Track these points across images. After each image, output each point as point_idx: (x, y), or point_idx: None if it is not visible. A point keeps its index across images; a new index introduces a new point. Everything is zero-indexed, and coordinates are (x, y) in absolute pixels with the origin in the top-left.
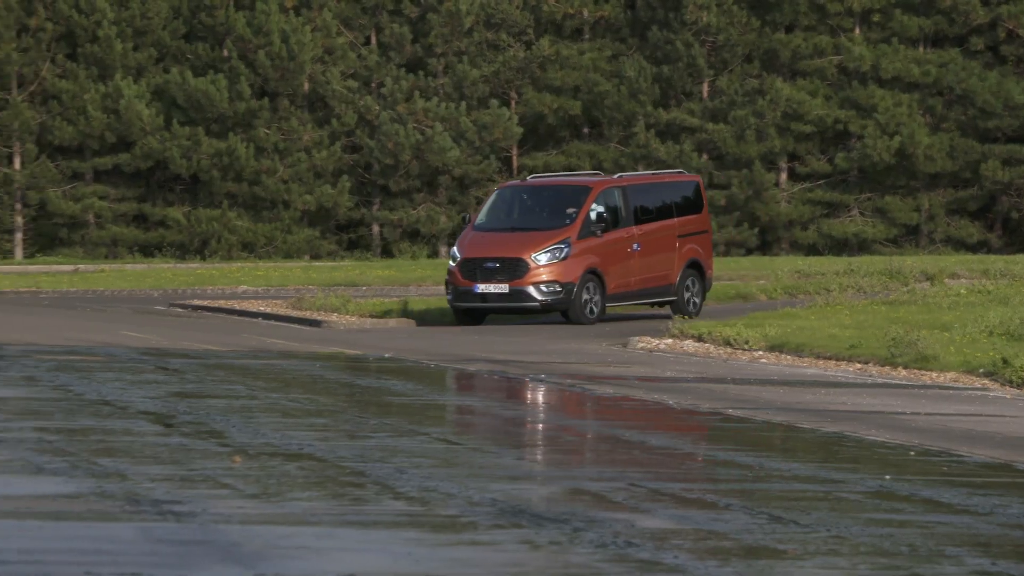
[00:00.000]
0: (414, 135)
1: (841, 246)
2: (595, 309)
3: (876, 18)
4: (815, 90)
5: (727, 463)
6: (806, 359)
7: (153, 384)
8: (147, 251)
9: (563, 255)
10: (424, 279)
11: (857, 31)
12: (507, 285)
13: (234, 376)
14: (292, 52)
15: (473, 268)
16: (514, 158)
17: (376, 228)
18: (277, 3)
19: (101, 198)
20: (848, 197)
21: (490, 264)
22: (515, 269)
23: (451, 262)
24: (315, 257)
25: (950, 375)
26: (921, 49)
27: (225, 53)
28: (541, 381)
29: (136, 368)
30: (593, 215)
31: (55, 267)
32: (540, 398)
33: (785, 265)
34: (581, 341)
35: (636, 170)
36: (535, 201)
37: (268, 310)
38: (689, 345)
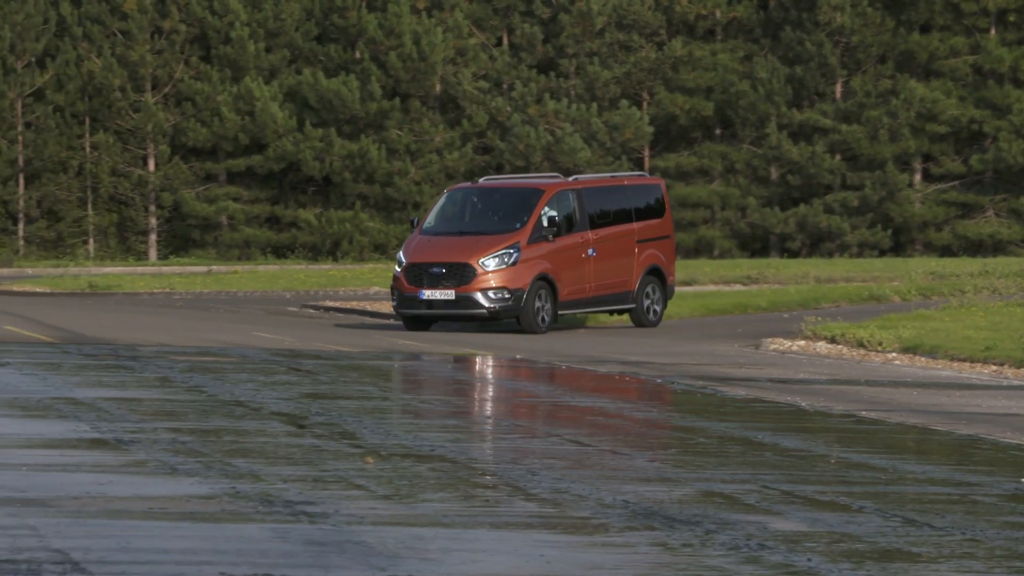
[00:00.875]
0: (545, 136)
1: (976, 247)
2: (546, 318)
3: (1012, 18)
4: (949, 90)
5: (860, 465)
6: (940, 361)
7: (286, 385)
8: (279, 252)
9: (512, 260)
10: None
11: (992, 31)
12: (453, 291)
13: (366, 377)
14: (423, 53)
15: (419, 274)
16: (645, 159)
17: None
18: (409, 4)
19: (234, 200)
20: (983, 198)
21: (436, 270)
22: (462, 275)
23: (396, 267)
24: None
25: None
26: None
27: (357, 54)
28: (673, 383)
29: (269, 369)
30: (544, 219)
31: (188, 268)
32: (672, 400)
33: (919, 266)
34: (713, 343)
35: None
36: (485, 204)
37: None
38: (822, 347)
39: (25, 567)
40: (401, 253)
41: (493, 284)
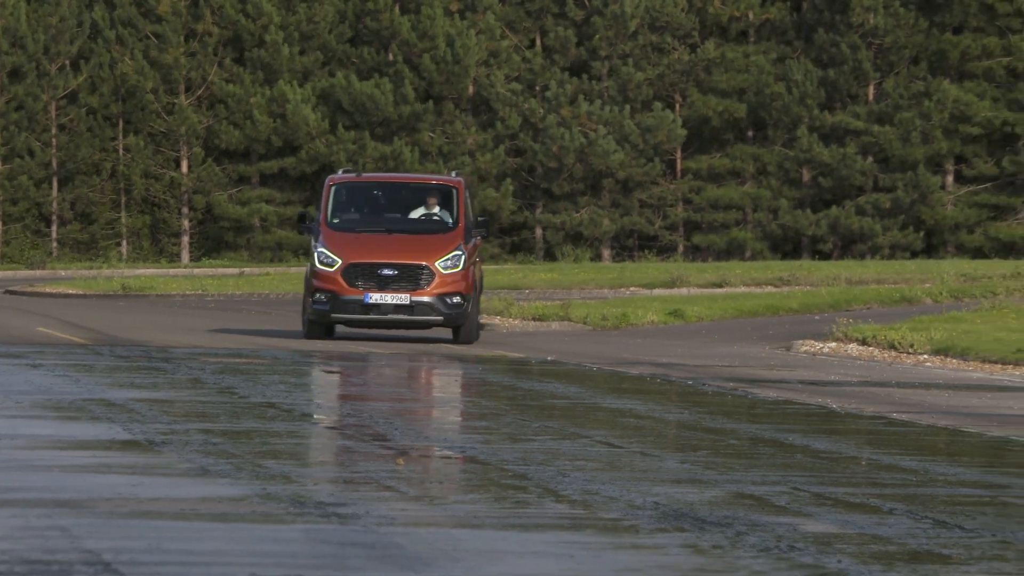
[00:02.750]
0: (578, 138)
1: (1008, 249)
2: (480, 326)
3: None
4: (983, 92)
5: (891, 467)
6: (972, 363)
7: (317, 386)
8: None
9: (461, 264)
10: (587, 282)
11: None
12: (408, 296)
13: (397, 378)
14: (456, 55)
15: (364, 274)
16: (678, 161)
17: (539, 231)
18: (442, 7)
19: (267, 202)
20: (1015, 200)
21: (387, 271)
22: (417, 278)
23: (321, 265)
24: None
25: None
26: None
27: (390, 57)
28: (704, 384)
29: (300, 371)
30: (471, 218)
31: (220, 270)
32: (702, 401)
33: (951, 268)
34: (744, 345)
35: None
36: (392, 200)
37: None
38: (853, 348)
39: (56, 568)
40: (325, 250)
41: (449, 289)
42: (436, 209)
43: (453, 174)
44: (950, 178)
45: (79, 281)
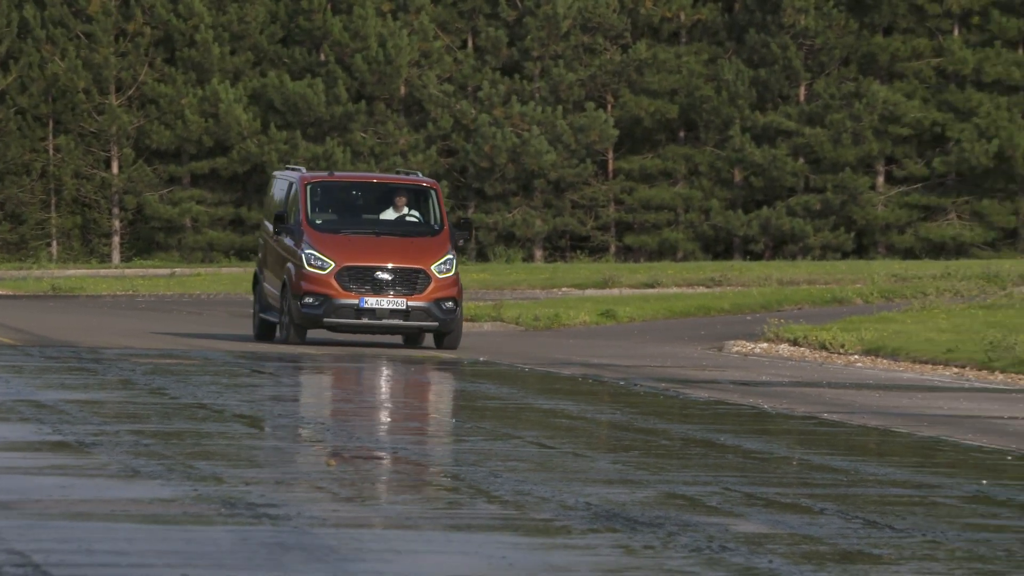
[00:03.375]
0: (510, 138)
1: (938, 250)
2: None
3: (975, 20)
4: (913, 92)
5: (822, 467)
6: (902, 363)
7: (249, 387)
8: (243, 255)
9: (453, 268)
10: (519, 283)
11: (956, 33)
12: (405, 300)
13: (330, 379)
14: (389, 56)
15: (359, 278)
16: (610, 161)
17: (471, 232)
18: (374, 7)
19: (198, 202)
20: (945, 200)
21: (384, 274)
22: (414, 282)
23: (311, 267)
24: None
25: None
26: (1021, 51)
27: (322, 57)
28: (635, 385)
29: (232, 371)
30: (452, 221)
31: (151, 271)
32: (634, 402)
33: (881, 269)
34: (676, 345)
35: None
36: (369, 200)
37: None
38: (784, 349)
39: None
40: (315, 251)
41: (444, 294)
42: (406, 210)
43: (419, 174)
44: (881, 179)
45: (8, 282)
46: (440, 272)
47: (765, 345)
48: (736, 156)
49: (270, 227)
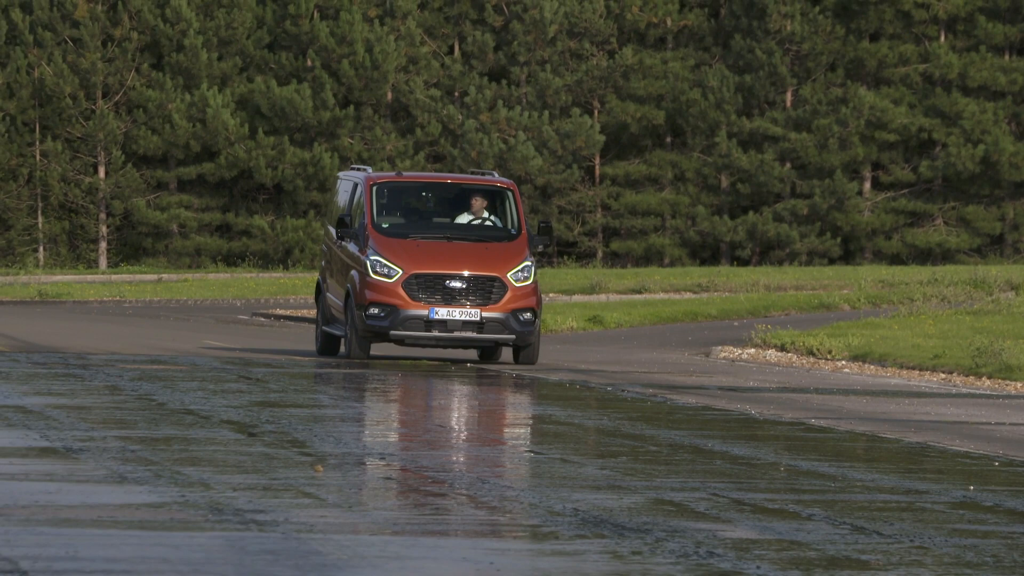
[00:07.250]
0: (497, 144)
1: (925, 256)
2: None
3: (961, 26)
4: (899, 98)
5: (810, 473)
6: (890, 369)
7: (236, 393)
8: (230, 261)
9: (532, 276)
10: None
11: (942, 39)
12: (479, 311)
13: (317, 385)
14: (376, 61)
15: (429, 287)
16: (596, 167)
17: (551, 236)
18: (361, 13)
19: (185, 208)
20: (932, 206)
21: (455, 283)
22: (489, 291)
23: (376, 276)
24: None
25: None
26: (1007, 57)
27: (309, 63)
28: (623, 390)
29: (219, 377)
30: (531, 225)
31: (139, 276)
32: (622, 407)
33: (868, 275)
34: (663, 351)
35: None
36: (441, 202)
37: None
38: (772, 355)
39: None
40: (381, 258)
41: (522, 304)
42: (485, 214)
43: (494, 174)
44: (867, 184)
45: None
46: (517, 280)
47: (752, 351)
48: (723, 162)
49: (333, 232)
